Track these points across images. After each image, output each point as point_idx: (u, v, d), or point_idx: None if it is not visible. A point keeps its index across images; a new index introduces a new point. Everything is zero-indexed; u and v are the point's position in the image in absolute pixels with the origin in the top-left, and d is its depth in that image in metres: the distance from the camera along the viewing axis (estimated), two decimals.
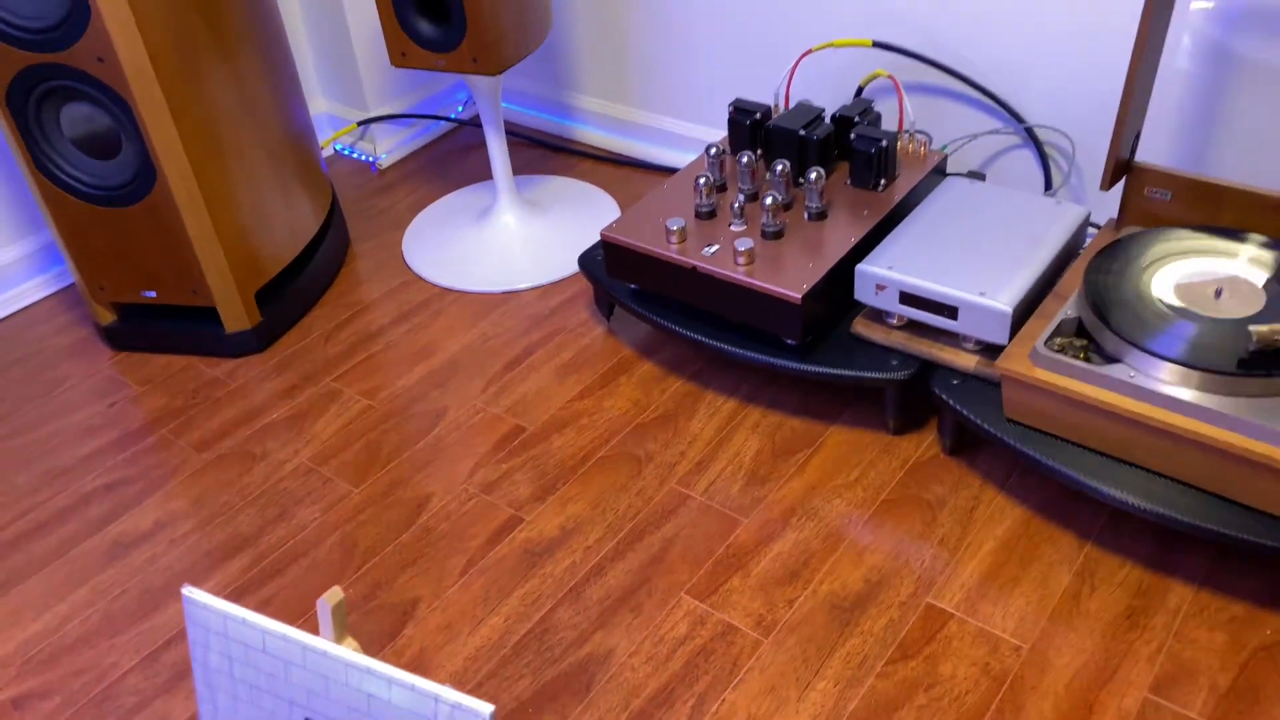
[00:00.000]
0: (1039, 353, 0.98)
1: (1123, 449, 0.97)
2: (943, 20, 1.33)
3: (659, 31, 1.63)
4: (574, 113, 1.84)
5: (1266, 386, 0.90)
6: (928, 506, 1.10)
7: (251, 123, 1.35)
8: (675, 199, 1.26)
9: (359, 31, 1.75)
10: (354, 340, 1.43)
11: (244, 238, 1.36)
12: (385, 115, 1.85)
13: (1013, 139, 1.36)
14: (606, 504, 1.14)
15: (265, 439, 1.28)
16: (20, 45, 1.17)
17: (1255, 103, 1.14)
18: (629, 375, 1.32)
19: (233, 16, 1.29)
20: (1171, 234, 1.06)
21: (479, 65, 1.35)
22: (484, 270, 1.53)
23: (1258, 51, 1.12)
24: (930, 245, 1.12)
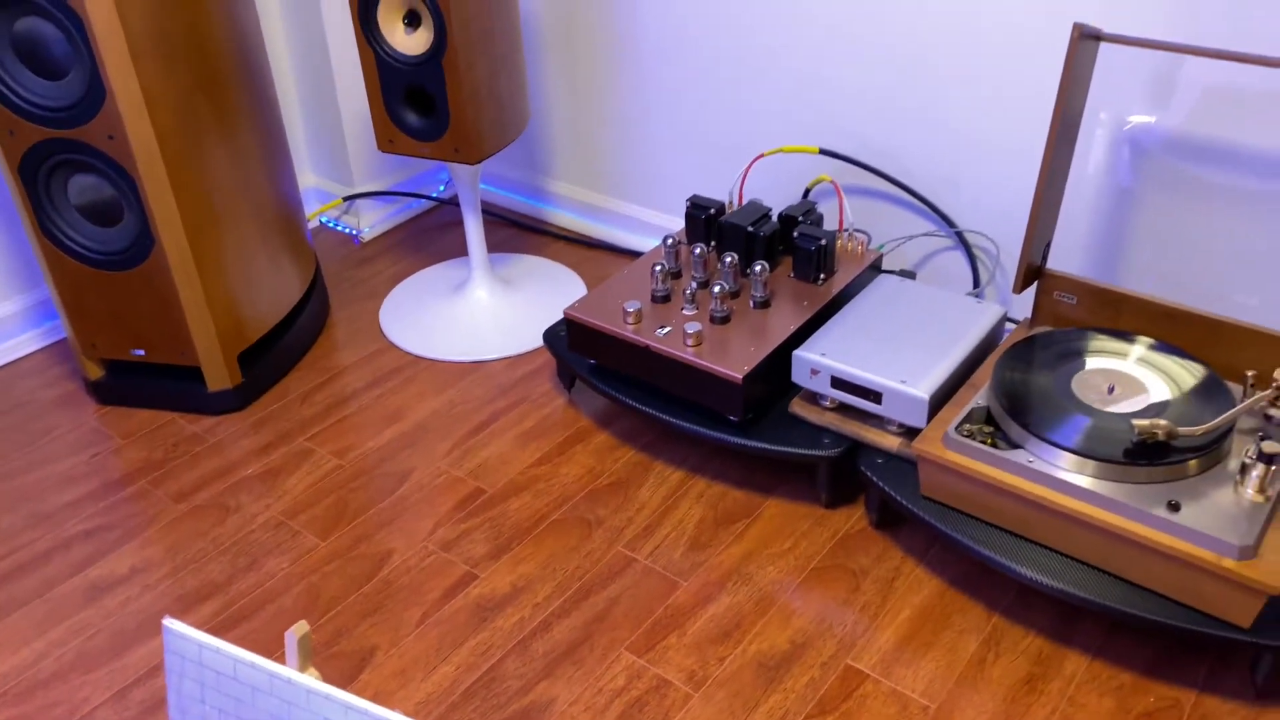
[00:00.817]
0: (950, 437, 1.09)
1: (1024, 527, 1.07)
2: (885, 132, 1.46)
3: (630, 127, 1.76)
4: (549, 196, 1.96)
5: (1149, 474, 1.01)
6: (853, 575, 1.20)
7: (244, 197, 1.45)
8: (634, 283, 1.37)
9: (349, 115, 1.88)
10: (329, 402, 1.52)
11: (231, 303, 1.45)
12: (370, 192, 1.96)
13: (945, 241, 1.49)
14: (557, 564, 1.23)
15: (239, 493, 1.36)
16: (39, 122, 1.27)
17: (1159, 223, 1.27)
18: (585, 444, 1.41)
19: (234, 101, 1.41)
20: (1073, 335, 1.18)
21: (460, 155, 1.47)
22: (455, 341, 1.63)
23: (1162, 179, 1.25)
24: (860, 335, 1.23)
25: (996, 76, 1.34)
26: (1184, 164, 1.23)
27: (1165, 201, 1.26)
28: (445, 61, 1.39)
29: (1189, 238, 1.26)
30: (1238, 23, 1.14)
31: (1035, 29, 1.28)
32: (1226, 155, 1.20)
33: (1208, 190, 1.22)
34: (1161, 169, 1.25)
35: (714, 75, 1.61)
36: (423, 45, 1.41)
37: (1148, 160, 1.25)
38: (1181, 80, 1.20)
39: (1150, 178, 1.26)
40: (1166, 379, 1.10)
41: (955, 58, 1.36)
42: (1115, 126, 1.26)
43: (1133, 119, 1.24)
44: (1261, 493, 0.98)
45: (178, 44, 1.29)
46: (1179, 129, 1.22)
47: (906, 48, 1.39)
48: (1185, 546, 0.96)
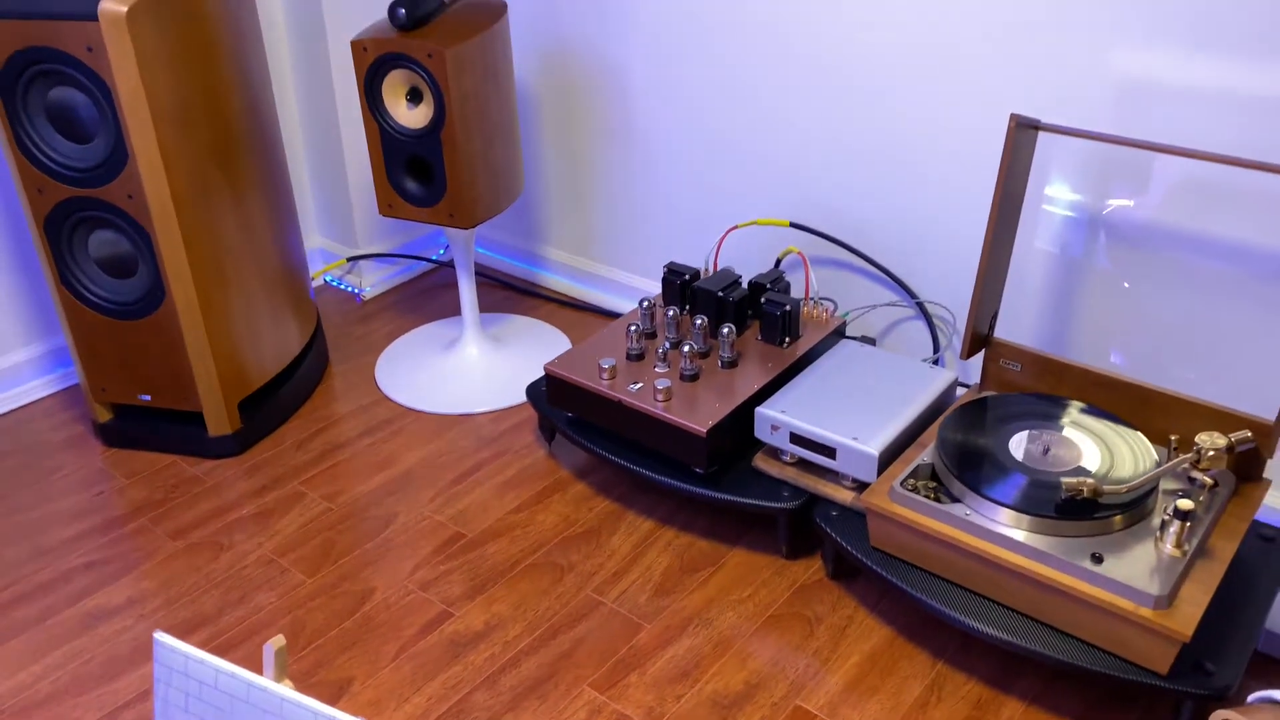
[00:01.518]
0: (895, 490, 1.17)
1: (964, 578, 1.14)
2: (853, 208, 1.56)
3: (617, 197, 1.87)
4: (541, 261, 2.07)
5: (1076, 528, 1.09)
6: (807, 622, 1.26)
7: (251, 255, 1.55)
8: (611, 342, 1.46)
9: (355, 181, 1.99)
10: (322, 449, 1.60)
11: (233, 354, 1.54)
12: (372, 254, 2.07)
13: (908, 311, 1.58)
14: (528, 605, 1.30)
15: (234, 531, 1.43)
16: (65, 181, 1.38)
17: (1106, 298, 1.36)
18: (562, 494, 1.49)
19: (245, 166, 1.51)
20: (1013, 399, 1.26)
21: (454, 220, 1.57)
22: (445, 394, 1.71)
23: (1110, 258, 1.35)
24: (819, 395, 1.32)
25: (956, 159, 1.44)
26: (1130, 245, 1.32)
27: (1112, 279, 1.35)
28: (444, 134, 1.50)
29: (1135, 313, 1.35)
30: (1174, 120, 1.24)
31: (993, 117, 1.39)
32: (1170, 238, 1.29)
33: (1152, 269, 1.31)
34: (1109, 248, 1.34)
35: (695, 151, 1.72)
36: (423, 119, 1.52)
37: (1095, 240, 1.35)
38: (1127, 168, 1.30)
39: (1098, 256, 1.35)
40: (1098, 441, 1.18)
41: (918, 141, 1.46)
42: (1064, 208, 1.36)
43: (1081, 202, 1.34)
44: (1179, 547, 1.05)
45: (195, 112, 1.40)
46: (1126, 213, 1.31)
47: (874, 131, 1.50)
48: (1106, 596, 1.03)
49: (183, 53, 1.36)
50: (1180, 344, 1.32)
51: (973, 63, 1.37)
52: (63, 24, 1.28)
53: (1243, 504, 1.15)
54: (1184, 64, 1.21)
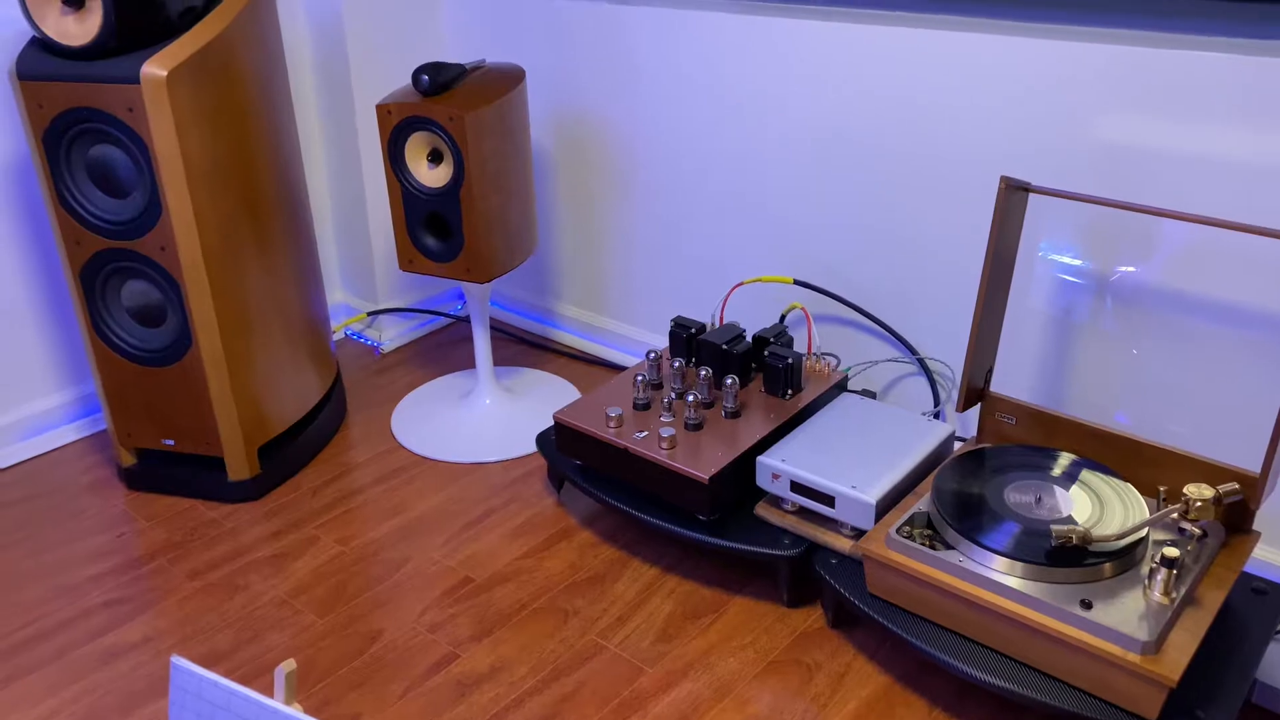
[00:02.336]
0: (891, 537, 1.20)
1: (958, 623, 1.17)
2: (854, 267, 1.62)
3: (627, 254, 1.94)
4: (553, 316, 2.13)
5: (1067, 575, 1.11)
6: (807, 669, 1.29)
7: (275, 307, 1.62)
8: (619, 392, 1.51)
9: (377, 238, 2.06)
10: (337, 495, 1.65)
11: (255, 401, 1.60)
12: (392, 308, 2.14)
13: (909, 366, 1.62)
14: (534, 648, 1.33)
15: (249, 573, 1.47)
16: (102, 234, 1.45)
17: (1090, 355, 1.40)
18: (569, 541, 1.52)
19: (272, 222, 1.59)
20: (1006, 451, 1.29)
21: (471, 275, 1.64)
22: (458, 444, 1.76)
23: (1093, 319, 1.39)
24: (820, 446, 1.36)
25: (952, 221, 1.49)
26: (1118, 303, 1.36)
27: (1103, 337, 1.39)
28: (462, 193, 1.57)
29: (1124, 369, 1.38)
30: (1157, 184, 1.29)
31: (986, 181, 1.44)
32: (1155, 296, 1.33)
33: (1140, 326, 1.35)
34: (1098, 307, 1.38)
35: (702, 212, 1.78)
36: (443, 179, 1.59)
37: (1084, 298, 1.39)
38: (1113, 230, 1.34)
39: (1087, 314, 1.40)
40: (1089, 492, 1.21)
41: (916, 204, 1.52)
42: (1055, 268, 1.40)
43: (1071, 262, 1.39)
44: (1166, 595, 1.07)
45: (227, 170, 1.48)
46: (1114, 272, 1.36)
47: (873, 193, 1.56)
48: (1095, 641, 1.05)
49: (217, 114, 1.44)
50: (1168, 399, 1.35)
51: (966, 130, 1.43)
52: (107, 86, 1.36)
53: (1232, 555, 1.17)
54: (1166, 131, 1.27)
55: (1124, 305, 1.36)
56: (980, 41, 1.40)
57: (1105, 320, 1.38)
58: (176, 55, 1.37)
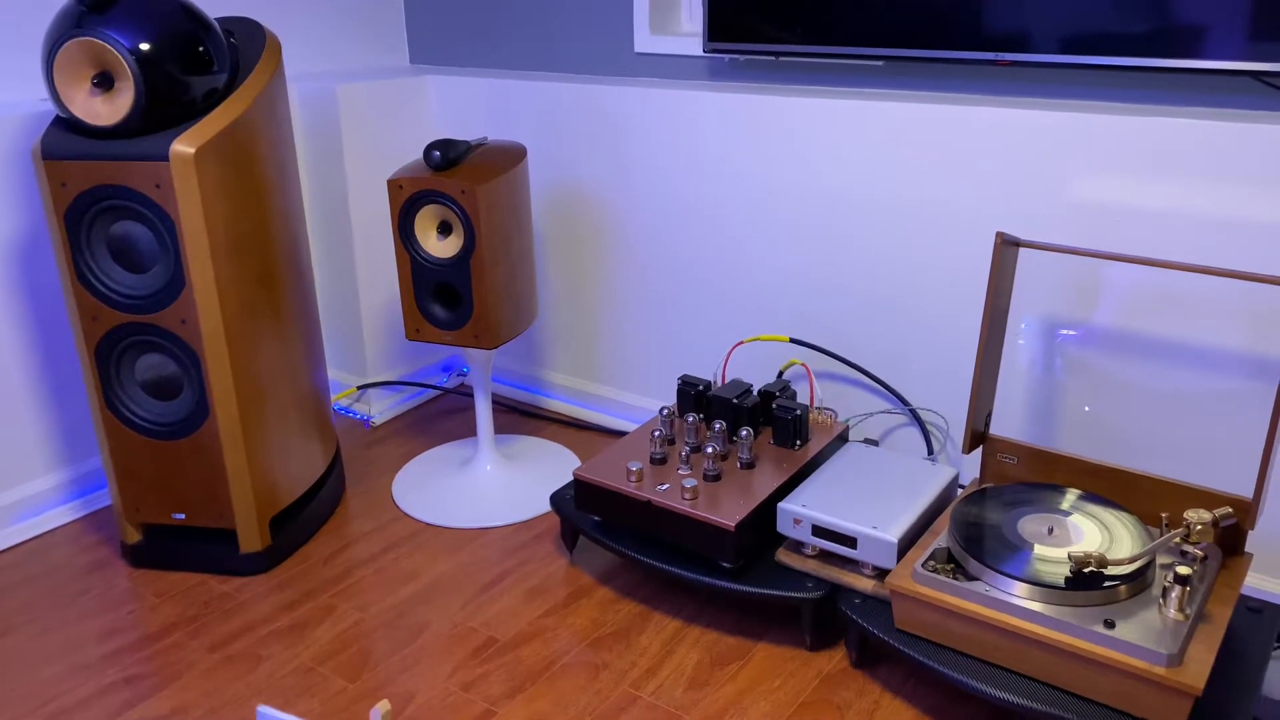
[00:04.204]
0: (918, 572, 1.26)
1: (985, 651, 1.23)
2: (844, 324, 1.71)
3: (619, 323, 2.00)
4: (543, 385, 2.17)
5: (1087, 598, 1.18)
6: (837, 709, 1.33)
7: (286, 378, 1.64)
8: (634, 449, 1.56)
9: (367, 312, 2.10)
10: (348, 565, 1.65)
11: (268, 472, 1.61)
12: (381, 381, 2.16)
13: (902, 417, 1.70)
14: (568, 701, 1.35)
15: (270, 643, 1.47)
16: (121, 309, 1.47)
17: (1082, 399, 1.50)
18: (588, 598, 1.55)
19: (284, 295, 1.62)
20: (1017, 488, 1.37)
21: (479, 341, 1.68)
22: (464, 510, 1.78)
23: (1081, 363, 1.49)
24: (835, 491, 1.42)
25: (941, 278, 1.59)
26: (1104, 348, 1.47)
27: (1094, 379, 1.49)
28: (473, 263, 1.63)
29: (1115, 408, 1.48)
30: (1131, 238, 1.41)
31: (969, 243, 1.55)
32: (1141, 344, 1.44)
33: (1129, 371, 1.46)
34: (1084, 352, 1.49)
35: (693, 276, 1.87)
36: (453, 250, 1.65)
37: (1075, 347, 1.50)
38: (1093, 281, 1.46)
39: (1075, 359, 1.50)
40: (1096, 522, 1.29)
41: (906, 263, 1.62)
42: (1045, 319, 1.51)
43: (1059, 313, 1.49)
44: (1181, 611, 1.15)
45: (245, 245, 1.51)
46: (1099, 321, 1.47)
47: (864, 254, 1.66)
48: (1121, 657, 1.12)
49: (237, 191, 1.48)
50: (1154, 434, 1.45)
51: (950, 194, 1.55)
52: (135, 164, 1.40)
53: (1230, 575, 1.26)
54: (1137, 190, 1.39)
55: (1106, 350, 1.47)
56: (961, 113, 1.52)
57: (1088, 365, 1.49)
58: (203, 134, 1.42)
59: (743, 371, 1.86)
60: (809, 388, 1.73)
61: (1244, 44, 1.30)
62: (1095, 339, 1.48)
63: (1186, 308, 1.40)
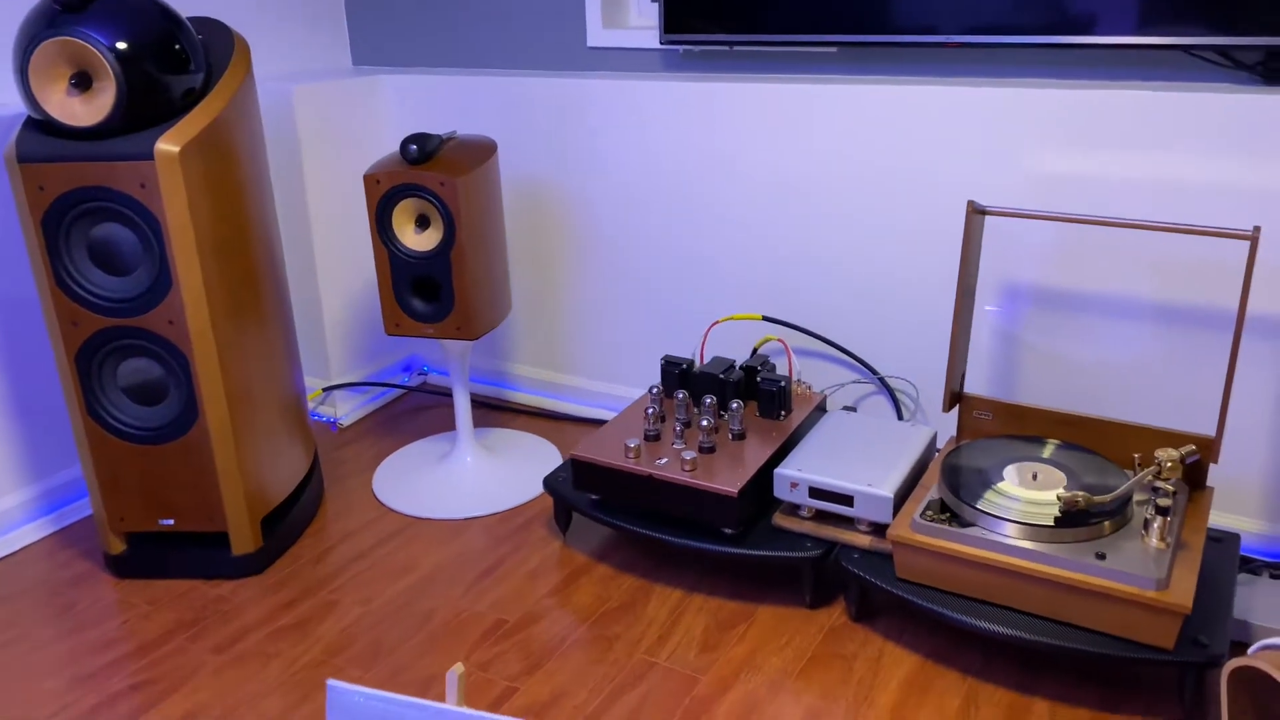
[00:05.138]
0: (917, 522, 1.33)
1: (986, 592, 1.31)
2: (813, 301, 1.78)
3: (586, 312, 2.04)
4: (508, 378, 2.20)
5: (1075, 535, 1.27)
6: (844, 660, 1.39)
7: (270, 377, 1.63)
8: (625, 429, 1.60)
9: (329, 315, 2.09)
10: (342, 562, 1.65)
11: (257, 472, 1.60)
12: (347, 383, 2.15)
13: (871, 386, 1.78)
14: (587, 673, 1.38)
15: (277, 641, 1.46)
16: (103, 313, 1.45)
17: (1047, 356, 1.60)
18: (588, 576, 1.59)
19: (265, 294, 1.61)
20: (997, 441, 1.46)
21: (461, 332, 1.70)
22: (450, 502, 1.80)
23: (1043, 323, 1.59)
24: (826, 455, 1.49)
25: (905, 251, 1.68)
26: (1065, 310, 1.57)
27: (1057, 338, 1.59)
28: (453, 255, 1.65)
29: (1080, 362, 1.59)
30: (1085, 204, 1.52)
31: (928, 219, 1.64)
32: (1101, 303, 1.55)
33: (1089, 328, 1.56)
34: (1046, 311, 1.59)
35: (659, 262, 1.92)
36: (432, 242, 1.66)
37: (1031, 305, 1.60)
38: (1052, 244, 1.56)
39: (1041, 322, 1.60)
40: (1073, 467, 1.38)
41: (870, 238, 1.70)
42: (1008, 283, 1.61)
43: (1021, 277, 1.59)
44: (1162, 540, 1.25)
45: (228, 243, 1.50)
46: (1059, 282, 1.57)
47: (829, 232, 1.73)
48: (1115, 585, 1.21)
49: (219, 190, 1.48)
50: (1123, 383, 1.56)
51: (905, 172, 1.63)
52: (119, 165, 1.38)
53: (1196, 508, 1.36)
54: (1086, 158, 1.50)
55: (1065, 308, 1.57)
56: (913, 94, 1.60)
57: (1050, 325, 1.59)
58: (185, 133, 1.41)
59: (716, 350, 1.91)
60: (787, 362, 1.80)
61: (1174, 21, 1.42)
62: (1055, 300, 1.58)
63: (1140, 266, 1.51)
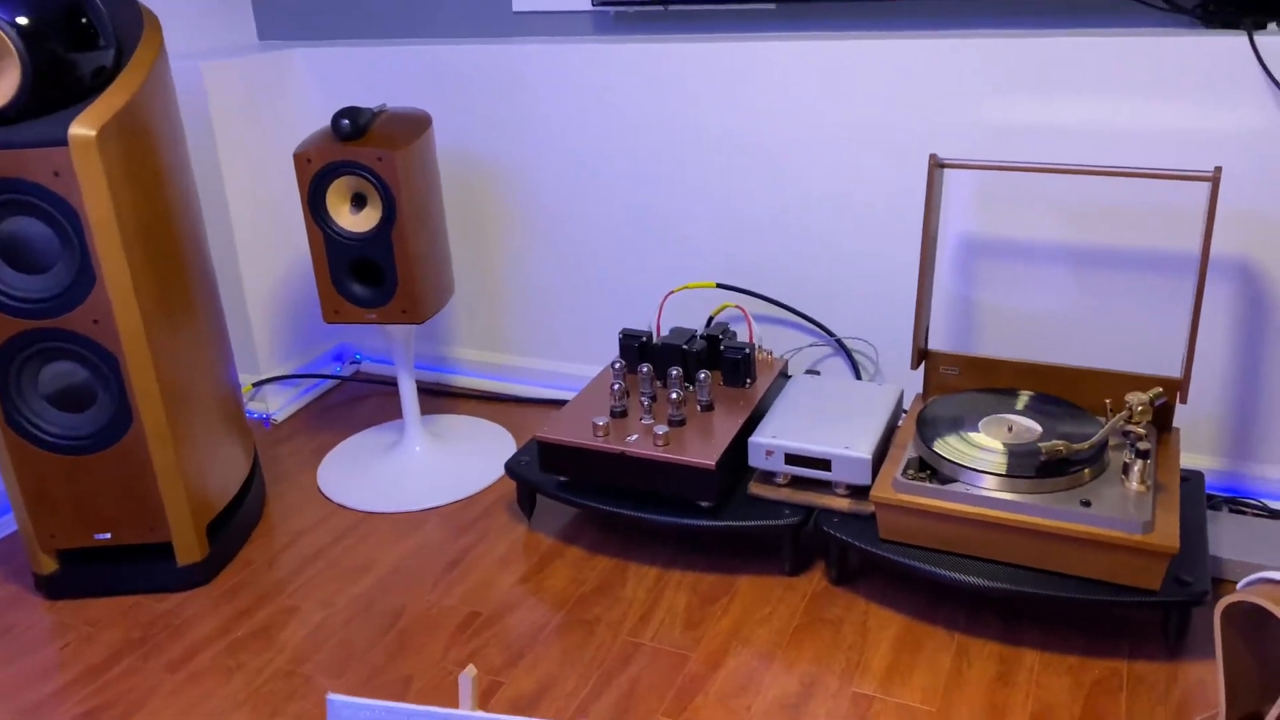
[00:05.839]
0: (899, 481, 1.32)
1: (968, 546, 1.30)
2: (765, 265, 1.75)
3: (528, 290, 1.97)
4: (447, 362, 2.12)
5: (1056, 484, 1.27)
6: (831, 624, 1.38)
7: (205, 374, 1.53)
8: (589, 407, 1.55)
9: (255, 305, 1.98)
10: (296, 564, 1.57)
11: (200, 477, 1.50)
12: (277, 376, 2.05)
13: (828, 348, 1.77)
14: (572, 659, 1.33)
15: (237, 653, 1.38)
16: (20, 314, 1.33)
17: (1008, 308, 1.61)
18: (560, 560, 1.54)
19: (194, 286, 1.51)
20: (970, 395, 1.46)
21: (407, 316, 1.62)
22: (403, 494, 1.72)
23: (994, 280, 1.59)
24: (798, 420, 1.46)
25: (854, 211, 1.66)
26: (1025, 260, 1.57)
27: (1017, 287, 1.59)
28: (394, 234, 1.57)
29: (1042, 311, 1.59)
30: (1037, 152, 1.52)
31: (878, 177, 1.62)
32: (1063, 251, 1.55)
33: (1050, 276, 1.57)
34: (1005, 263, 1.59)
35: (600, 235, 1.86)
36: (370, 223, 1.58)
37: (981, 258, 1.59)
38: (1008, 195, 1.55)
39: (988, 273, 1.60)
40: (1046, 417, 1.39)
41: (818, 199, 1.68)
42: (965, 236, 1.60)
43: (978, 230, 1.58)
44: (1143, 483, 1.26)
45: (153, 234, 1.39)
46: (1018, 233, 1.57)
47: (778, 194, 1.70)
48: (1102, 531, 1.22)
49: (140, 176, 1.37)
50: (1080, 330, 1.57)
51: (849, 127, 1.61)
52: (28, 152, 1.26)
53: (1166, 450, 1.38)
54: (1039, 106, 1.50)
55: (1018, 259, 1.57)
56: (853, 48, 1.58)
57: (1005, 275, 1.59)
58: (101, 115, 1.30)
59: (670, 322, 1.87)
60: (748, 329, 1.76)
61: None
62: (1006, 251, 1.58)
63: (1099, 213, 1.51)
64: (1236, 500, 1.55)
